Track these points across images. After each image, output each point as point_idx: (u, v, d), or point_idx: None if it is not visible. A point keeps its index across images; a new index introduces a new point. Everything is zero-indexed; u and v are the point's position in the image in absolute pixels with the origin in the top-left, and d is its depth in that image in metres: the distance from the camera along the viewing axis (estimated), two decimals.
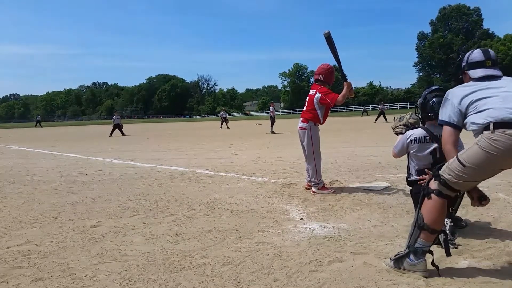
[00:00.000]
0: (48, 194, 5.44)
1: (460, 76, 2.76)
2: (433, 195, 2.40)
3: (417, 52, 74.62)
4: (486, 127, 2.24)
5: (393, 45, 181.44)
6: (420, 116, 3.56)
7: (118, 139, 19.16)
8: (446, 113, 2.52)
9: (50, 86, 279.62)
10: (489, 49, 2.70)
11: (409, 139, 3.41)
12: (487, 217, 3.65)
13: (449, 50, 65.70)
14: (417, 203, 2.63)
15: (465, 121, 2.45)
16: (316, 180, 4.99)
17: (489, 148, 2.19)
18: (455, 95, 2.51)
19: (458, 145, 2.53)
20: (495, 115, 2.22)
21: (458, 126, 2.48)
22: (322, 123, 5.19)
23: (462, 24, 68.95)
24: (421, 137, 3.36)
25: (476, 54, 2.65)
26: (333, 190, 5.00)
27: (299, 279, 2.44)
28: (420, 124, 3.58)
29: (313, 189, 5.01)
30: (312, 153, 5.08)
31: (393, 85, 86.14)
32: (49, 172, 7.72)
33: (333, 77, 5.24)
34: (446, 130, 2.51)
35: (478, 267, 2.52)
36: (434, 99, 3.35)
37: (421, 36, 74.39)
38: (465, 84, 2.60)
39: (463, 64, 2.71)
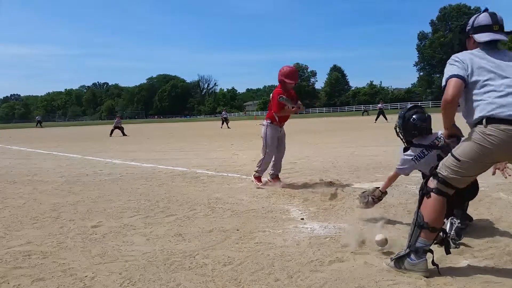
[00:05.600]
0: (48, 195, 5.44)
1: (464, 41, 2.61)
2: (432, 194, 2.40)
3: (417, 52, 74.53)
4: (479, 121, 2.25)
5: (393, 45, 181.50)
6: (403, 139, 3.54)
7: (119, 139, 19.17)
8: (452, 70, 2.36)
9: (51, 87, 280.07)
10: (496, 13, 2.50)
11: (413, 160, 3.35)
12: (488, 216, 3.64)
13: (450, 50, 65.53)
14: None
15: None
16: (257, 168, 5.52)
17: (482, 142, 2.20)
18: (466, 59, 2.36)
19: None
20: (488, 110, 2.21)
21: (466, 81, 2.31)
22: (278, 124, 5.51)
23: (459, 27, 68.81)
24: (418, 154, 3.33)
25: (483, 18, 2.48)
26: (260, 185, 5.41)
27: (300, 279, 2.44)
28: (404, 149, 3.52)
29: (252, 176, 5.57)
30: (265, 147, 5.51)
31: (394, 85, 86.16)
32: (50, 172, 7.72)
33: (290, 78, 5.42)
34: (452, 81, 2.32)
35: (479, 267, 2.52)
36: (414, 116, 3.38)
37: (422, 36, 74.29)
38: (472, 52, 2.43)
39: (468, 28, 2.55)
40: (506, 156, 2.26)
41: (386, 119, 28.30)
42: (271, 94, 5.59)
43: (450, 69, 2.39)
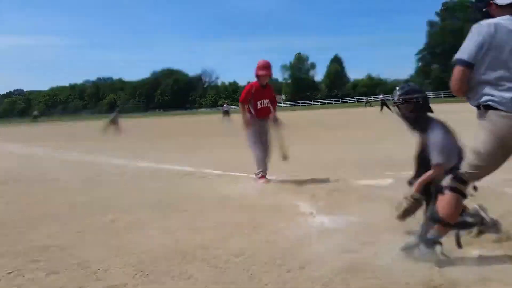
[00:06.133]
0: (62, 192, 5.46)
1: (484, 9, 2.37)
2: (446, 191, 2.40)
3: (427, 38, 72.75)
4: (477, 106, 2.29)
5: (393, 36, 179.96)
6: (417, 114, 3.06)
7: (122, 138, 18.92)
8: (467, 51, 2.26)
9: (55, 81, 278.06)
10: None
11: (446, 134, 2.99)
12: (495, 211, 3.62)
13: (460, 36, 64.62)
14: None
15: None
16: (257, 170, 5.53)
17: (493, 126, 2.22)
18: (490, 32, 2.20)
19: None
20: (485, 100, 2.23)
21: (473, 65, 2.24)
22: (255, 115, 5.63)
23: (467, 17, 67.65)
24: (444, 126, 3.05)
25: None
26: (264, 182, 5.42)
27: (312, 270, 2.46)
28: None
29: (256, 178, 5.57)
30: (249, 144, 5.65)
31: (392, 76, 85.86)
32: (60, 171, 7.71)
33: (263, 69, 5.59)
34: (457, 70, 2.29)
35: (490, 256, 2.53)
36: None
37: (432, 23, 72.65)
38: (499, 22, 2.22)
39: None
40: None
41: (390, 109, 28.20)
42: None
43: (470, 45, 2.25)
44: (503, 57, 2.18)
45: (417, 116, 3.05)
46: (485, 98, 2.22)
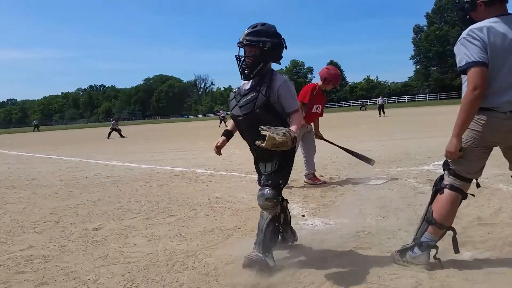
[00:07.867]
0: (48, 199, 5.44)
1: (468, 16, 2.32)
2: (445, 190, 2.37)
3: (413, 45, 74.32)
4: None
5: (389, 38, 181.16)
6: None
7: (117, 141, 19.14)
8: (475, 54, 2.13)
9: (47, 90, 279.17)
10: None
11: None
12: (488, 208, 3.65)
13: (446, 42, 65.41)
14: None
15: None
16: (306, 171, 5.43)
17: (475, 127, 2.24)
18: (484, 36, 2.14)
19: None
20: (484, 104, 2.21)
21: (487, 64, 2.14)
22: (306, 122, 5.24)
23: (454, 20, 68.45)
24: None
25: None
26: (319, 183, 5.26)
27: (303, 276, 2.44)
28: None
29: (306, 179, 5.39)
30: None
31: (391, 79, 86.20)
32: (49, 176, 7.71)
33: (337, 82, 5.45)
34: (477, 71, 2.12)
35: (481, 258, 2.52)
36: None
37: (417, 29, 74.04)
38: (489, 25, 2.17)
39: None
40: (501, 140, 2.28)
41: (384, 112, 28.27)
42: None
43: (471, 50, 2.15)
44: (499, 60, 2.16)
45: (259, 63, 2.58)
46: (486, 102, 2.19)
